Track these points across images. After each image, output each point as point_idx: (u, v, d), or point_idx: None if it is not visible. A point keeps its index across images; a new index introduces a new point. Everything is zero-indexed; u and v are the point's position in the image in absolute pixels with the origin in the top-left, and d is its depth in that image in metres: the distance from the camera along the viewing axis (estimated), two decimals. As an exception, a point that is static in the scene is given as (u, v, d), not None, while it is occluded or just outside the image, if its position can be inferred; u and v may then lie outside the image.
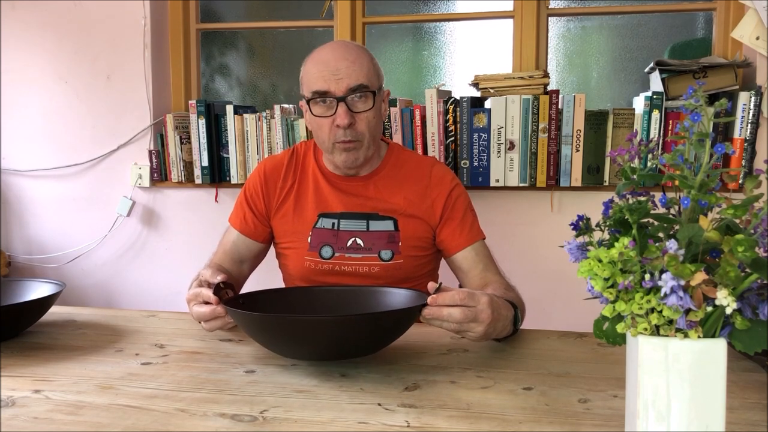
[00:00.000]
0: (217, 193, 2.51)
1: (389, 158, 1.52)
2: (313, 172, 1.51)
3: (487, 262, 1.45)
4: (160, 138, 2.49)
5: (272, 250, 1.59)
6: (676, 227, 0.72)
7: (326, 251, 1.45)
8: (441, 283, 1.07)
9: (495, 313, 1.08)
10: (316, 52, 1.43)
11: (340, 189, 1.49)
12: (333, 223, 1.46)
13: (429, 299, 1.04)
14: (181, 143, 2.45)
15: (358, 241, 1.45)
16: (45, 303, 1.26)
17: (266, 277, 1.64)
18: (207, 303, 1.16)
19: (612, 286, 0.70)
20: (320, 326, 1.01)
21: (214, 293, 1.15)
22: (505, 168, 2.22)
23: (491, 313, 1.07)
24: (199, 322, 1.20)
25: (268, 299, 1.21)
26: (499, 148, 2.21)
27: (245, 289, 1.53)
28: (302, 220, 1.49)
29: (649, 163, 0.81)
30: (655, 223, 0.74)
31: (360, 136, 1.40)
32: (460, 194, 1.50)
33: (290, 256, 1.50)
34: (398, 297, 1.19)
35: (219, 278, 1.19)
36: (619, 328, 0.71)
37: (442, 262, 1.56)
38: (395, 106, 2.25)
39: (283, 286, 1.61)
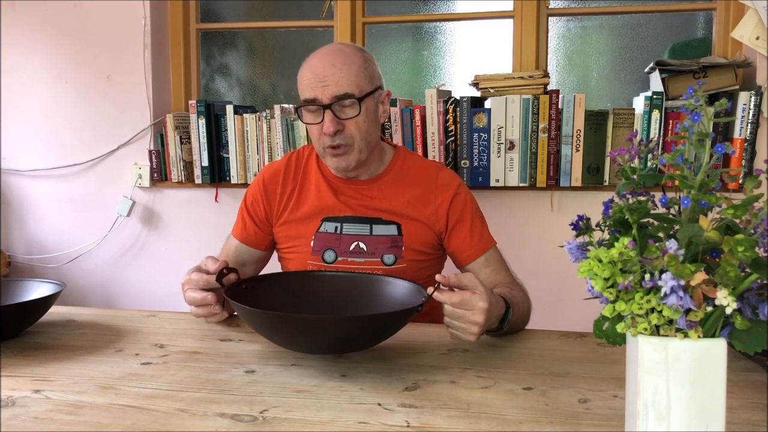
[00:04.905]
0: (217, 193, 2.51)
1: (395, 162, 1.50)
2: (316, 175, 1.50)
3: (497, 266, 1.44)
4: (160, 138, 2.49)
5: (274, 253, 1.59)
6: (676, 227, 0.72)
7: (329, 255, 1.44)
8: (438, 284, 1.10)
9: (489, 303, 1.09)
10: (310, 56, 1.42)
11: (344, 192, 1.47)
12: (336, 227, 1.45)
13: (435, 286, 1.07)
14: (181, 143, 2.45)
15: (361, 245, 1.44)
16: (45, 303, 1.26)
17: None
18: (203, 290, 1.22)
19: (612, 286, 0.70)
20: (320, 324, 1.04)
21: (217, 279, 1.19)
22: (505, 168, 2.22)
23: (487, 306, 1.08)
24: (190, 306, 1.25)
25: (271, 284, 1.25)
26: (499, 148, 2.21)
27: None
28: (305, 224, 1.47)
29: (649, 163, 0.81)
30: (655, 223, 0.74)
31: (349, 140, 1.38)
32: (466, 200, 1.47)
33: (293, 260, 1.49)
34: (398, 288, 1.22)
35: (220, 261, 1.23)
36: (619, 328, 0.71)
37: (445, 263, 1.56)
38: (395, 106, 2.25)
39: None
